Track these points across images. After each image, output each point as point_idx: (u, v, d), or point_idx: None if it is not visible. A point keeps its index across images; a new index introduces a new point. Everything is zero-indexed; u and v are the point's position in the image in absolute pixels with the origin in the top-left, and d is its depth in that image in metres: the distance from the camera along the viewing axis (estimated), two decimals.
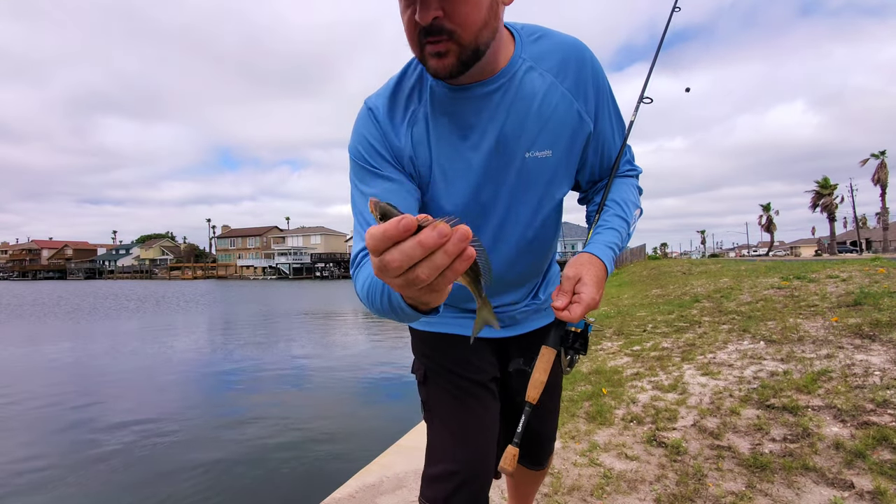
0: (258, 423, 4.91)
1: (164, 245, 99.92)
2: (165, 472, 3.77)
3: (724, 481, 2.00)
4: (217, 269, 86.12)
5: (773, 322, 4.47)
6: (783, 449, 2.20)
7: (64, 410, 5.52)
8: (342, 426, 4.87)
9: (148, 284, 55.19)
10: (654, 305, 7.77)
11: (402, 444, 2.79)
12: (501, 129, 0.90)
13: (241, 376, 7.22)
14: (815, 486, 1.90)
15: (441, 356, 1.09)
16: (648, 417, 2.77)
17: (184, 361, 8.48)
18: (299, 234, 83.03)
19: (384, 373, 7.23)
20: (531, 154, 0.91)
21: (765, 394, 2.80)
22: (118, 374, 7.58)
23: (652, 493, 1.96)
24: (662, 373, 3.60)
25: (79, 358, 8.93)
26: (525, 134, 0.90)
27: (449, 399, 1.07)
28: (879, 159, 44.09)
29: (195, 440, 4.47)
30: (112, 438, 4.53)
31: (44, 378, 7.25)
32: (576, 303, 0.86)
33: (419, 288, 0.48)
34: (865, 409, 2.42)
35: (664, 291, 9.87)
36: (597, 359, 4.40)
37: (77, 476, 3.75)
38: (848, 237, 63.82)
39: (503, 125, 0.89)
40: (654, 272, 17.45)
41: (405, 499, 2.10)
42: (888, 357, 3.06)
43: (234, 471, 3.78)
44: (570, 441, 2.54)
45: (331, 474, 3.38)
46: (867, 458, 2.00)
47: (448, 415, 1.07)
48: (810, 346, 3.57)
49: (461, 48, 0.78)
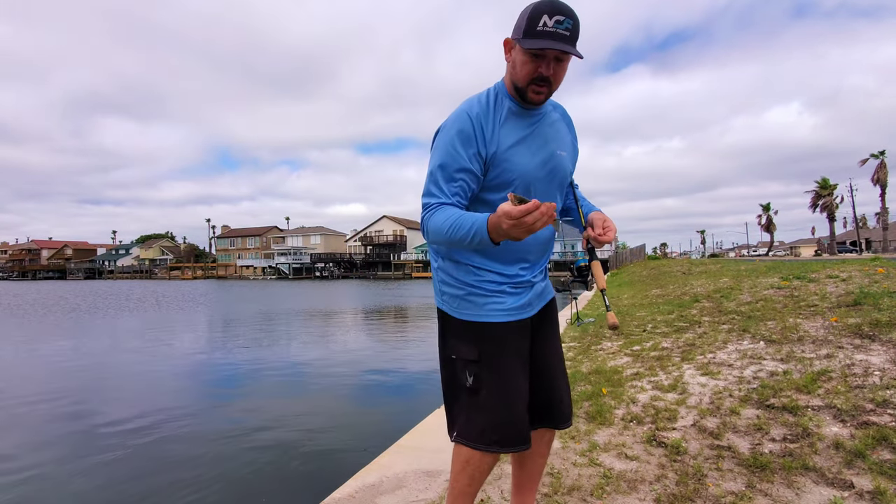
0: (258, 423, 4.90)
1: (164, 245, 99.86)
2: (165, 471, 3.77)
3: (724, 481, 2.00)
4: (217, 269, 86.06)
5: (772, 322, 4.47)
6: (783, 449, 2.20)
7: (63, 409, 5.52)
8: (342, 426, 4.87)
9: (148, 284, 55.17)
10: (653, 305, 7.78)
11: (402, 444, 2.78)
12: (545, 136, 1.42)
13: (241, 376, 7.22)
14: (815, 485, 1.91)
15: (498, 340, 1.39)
16: (648, 417, 2.77)
17: (183, 361, 8.48)
18: (299, 234, 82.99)
19: (384, 372, 7.23)
20: (559, 152, 1.45)
21: (765, 394, 2.80)
22: (117, 374, 7.58)
23: (652, 493, 1.96)
24: (662, 373, 3.60)
25: (78, 357, 8.92)
26: (555, 140, 1.45)
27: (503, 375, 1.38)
28: (879, 159, 44.08)
29: (194, 440, 4.47)
30: (111, 438, 4.52)
31: (43, 377, 7.25)
32: (609, 229, 1.42)
33: (529, 232, 1.08)
34: (865, 408, 2.42)
35: (664, 291, 9.87)
36: (597, 359, 4.40)
37: (75, 475, 3.75)
38: (848, 237, 63.80)
39: (546, 134, 1.43)
40: (654, 272, 17.45)
41: (405, 499, 2.10)
42: (888, 357, 3.06)
43: (233, 470, 3.78)
44: (570, 441, 2.54)
45: (331, 474, 3.38)
46: (867, 458, 2.00)
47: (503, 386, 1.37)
48: (810, 346, 3.57)
49: (549, 93, 1.34)
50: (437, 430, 2.94)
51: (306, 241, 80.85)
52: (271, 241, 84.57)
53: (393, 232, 79.56)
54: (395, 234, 79.29)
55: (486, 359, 1.37)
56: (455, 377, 1.43)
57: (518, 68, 1.30)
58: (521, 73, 1.30)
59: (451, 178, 1.28)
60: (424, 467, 2.41)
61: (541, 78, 1.29)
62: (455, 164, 1.28)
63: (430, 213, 1.26)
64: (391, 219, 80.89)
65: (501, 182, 1.35)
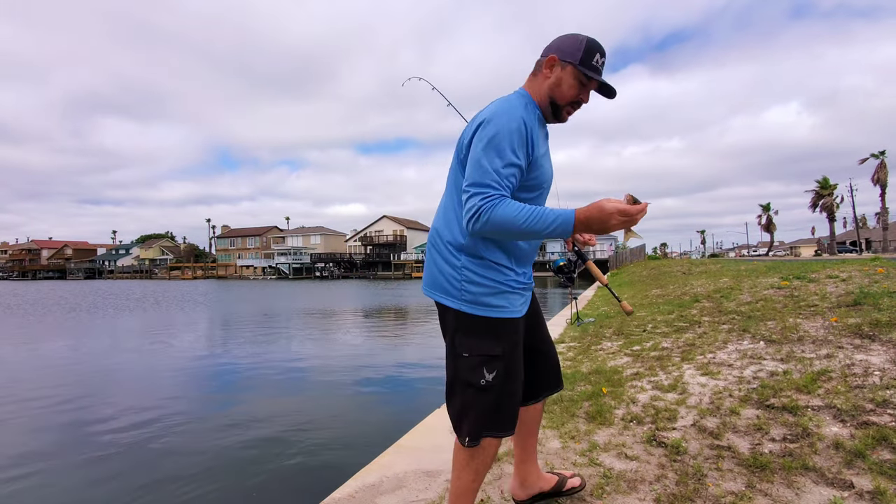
0: (258, 423, 4.90)
1: (164, 245, 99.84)
2: (165, 470, 3.77)
3: (724, 481, 2.00)
4: (217, 269, 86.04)
5: (772, 322, 4.47)
6: (783, 449, 2.20)
7: (61, 408, 5.52)
8: (342, 426, 4.87)
9: (148, 284, 55.16)
10: (653, 305, 7.78)
11: (402, 444, 2.78)
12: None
13: (241, 375, 7.22)
14: (815, 485, 1.91)
15: (514, 335, 1.53)
16: (648, 417, 2.77)
17: (183, 360, 8.48)
18: (299, 234, 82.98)
19: (385, 372, 7.22)
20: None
21: (764, 394, 2.80)
22: (116, 373, 7.58)
23: (652, 493, 1.96)
24: (662, 373, 3.60)
25: (77, 356, 8.92)
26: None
27: (516, 366, 1.53)
28: (879, 159, 44.07)
29: (194, 440, 4.47)
30: (110, 438, 4.52)
31: (43, 377, 7.25)
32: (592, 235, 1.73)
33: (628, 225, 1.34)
34: (865, 408, 2.42)
35: (664, 291, 9.87)
36: (597, 359, 4.40)
37: (73, 474, 3.75)
38: (848, 237, 63.79)
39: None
40: (654, 272, 17.45)
41: (405, 499, 2.10)
42: (888, 357, 3.06)
43: (233, 470, 3.78)
44: (570, 441, 2.54)
45: (331, 474, 3.38)
46: (867, 458, 2.00)
47: (516, 376, 1.54)
48: (810, 345, 3.57)
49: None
50: (437, 430, 2.94)
51: (306, 241, 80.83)
52: (271, 241, 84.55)
53: (393, 232, 79.55)
54: (395, 234, 79.28)
55: (508, 353, 1.49)
56: (469, 374, 1.48)
57: (564, 88, 1.47)
58: (566, 93, 1.48)
59: (508, 174, 1.36)
60: (424, 467, 2.41)
61: (578, 102, 1.50)
62: (510, 160, 1.36)
63: (492, 203, 1.31)
64: (391, 219, 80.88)
65: (533, 185, 1.49)
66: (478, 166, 1.35)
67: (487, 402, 1.48)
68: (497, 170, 1.34)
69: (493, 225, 1.31)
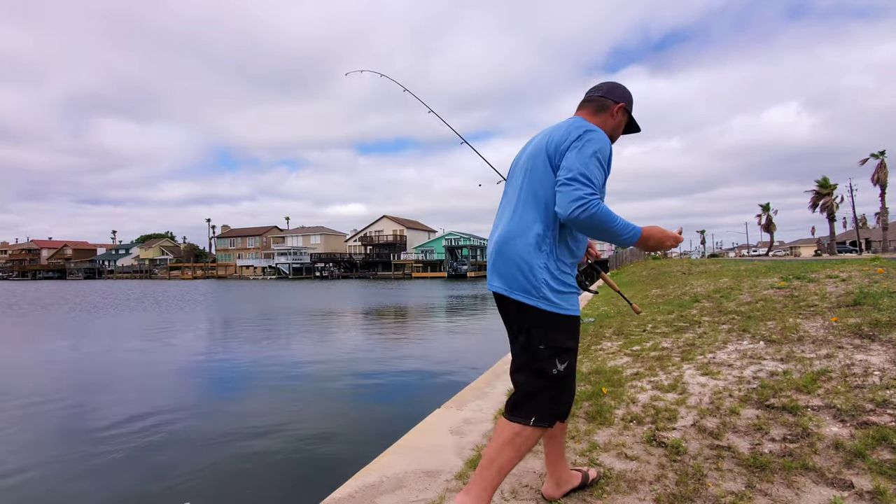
0: (257, 423, 4.90)
1: (164, 245, 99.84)
2: (164, 470, 3.77)
3: (724, 481, 2.00)
4: (217, 269, 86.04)
5: (772, 322, 4.47)
6: (783, 449, 2.20)
7: (60, 408, 5.52)
8: (342, 426, 4.87)
9: (148, 284, 55.16)
10: (653, 305, 7.78)
11: (402, 444, 2.78)
12: None
13: (240, 375, 7.22)
14: (815, 485, 1.91)
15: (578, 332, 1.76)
16: (648, 417, 2.77)
17: (183, 360, 8.48)
18: (299, 233, 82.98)
19: (385, 372, 7.23)
20: None
21: (764, 394, 2.80)
22: (116, 373, 7.58)
23: (652, 493, 1.96)
24: (662, 373, 3.59)
25: (77, 356, 8.92)
26: None
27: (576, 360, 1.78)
28: (879, 159, 44.06)
29: (194, 440, 4.47)
30: (109, 438, 4.52)
31: (43, 376, 7.25)
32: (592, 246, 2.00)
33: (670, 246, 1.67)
34: (865, 408, 2.42)
35: (664, 291, 9.87)
36: (596, 359, 4.40)
37: (72, 475, 3.75)
38: (847, 237, 63.78)
39: None
40: (654, 272, 17.46)
41: (405, 499, 2.10)
42: (888, 357, 3.06)
43: (233, 470, 3.78)
44: (570, 441, 2.54)
45: (331, 474, 3.38)
46: (867, 458, 2.00)
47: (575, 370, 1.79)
48: (810, 345, 3.57)
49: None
50: (437, 430, 2.94)
51: (306, 241, 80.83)
52: (271, 241, 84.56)
53: (393, 232, 79.56)
54: (394, 234, 79.29)
55: (576, 347, 1.75)
56: (543, 364, 1.68)
57: (620, 128, 1.86)
58: (619, 132, 1.86)
59: (600, 185, 1.58)
60: (424, 467, 2.41)
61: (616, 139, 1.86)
62: (604, 174, 1.63)
63: (597, 200, 1.51)
64: (391, 219, 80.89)
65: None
66: (586, 167, 1.55)
67: (554, 390, 1.69)
68: (598, 177, 1.57)
69: (595, 219, 1.50)
